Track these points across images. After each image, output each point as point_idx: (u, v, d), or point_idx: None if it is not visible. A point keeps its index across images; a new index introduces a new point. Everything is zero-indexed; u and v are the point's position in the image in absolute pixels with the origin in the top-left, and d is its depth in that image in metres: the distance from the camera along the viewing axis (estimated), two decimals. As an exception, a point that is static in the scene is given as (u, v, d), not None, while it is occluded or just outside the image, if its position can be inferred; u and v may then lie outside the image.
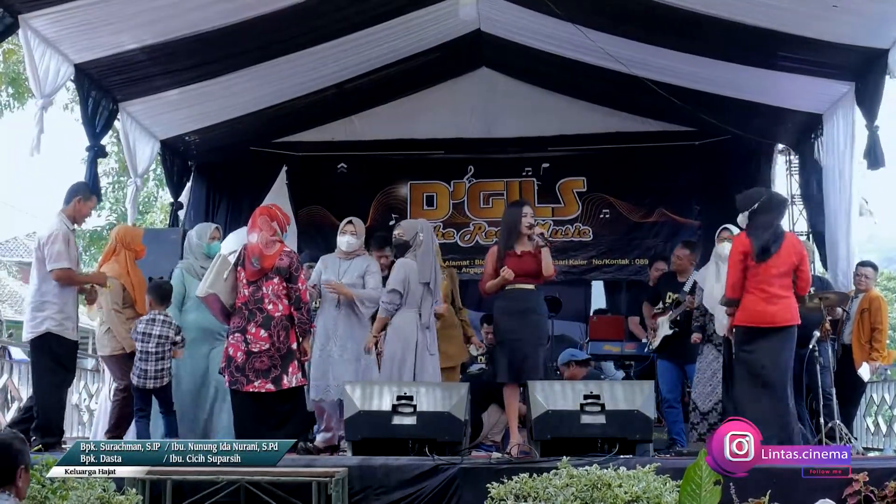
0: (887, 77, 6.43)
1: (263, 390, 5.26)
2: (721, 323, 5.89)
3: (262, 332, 5.33)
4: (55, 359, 5.59)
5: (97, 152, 7.24)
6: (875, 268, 7.14)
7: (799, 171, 9.13)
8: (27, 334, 5.60)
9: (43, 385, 5.58)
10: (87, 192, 5.88)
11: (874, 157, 6.76)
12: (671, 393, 6.68)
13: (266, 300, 5.39)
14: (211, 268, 5.56)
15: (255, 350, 5.32)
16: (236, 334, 5.39)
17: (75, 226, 5.83)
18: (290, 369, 5.39)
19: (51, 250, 5.49)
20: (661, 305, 6.90)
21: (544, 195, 9.42)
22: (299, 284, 5.48)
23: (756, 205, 5.46)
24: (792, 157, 9.28)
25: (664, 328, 6.67)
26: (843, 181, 7.41)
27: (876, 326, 6.76)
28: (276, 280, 5.42)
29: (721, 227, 6.33)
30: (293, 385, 5.40)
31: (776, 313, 5.31)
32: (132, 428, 5.88)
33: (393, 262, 6.03)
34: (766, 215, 5.43)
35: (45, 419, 5.49)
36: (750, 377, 5.36)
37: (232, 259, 5.64)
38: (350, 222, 6.14)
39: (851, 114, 7.09)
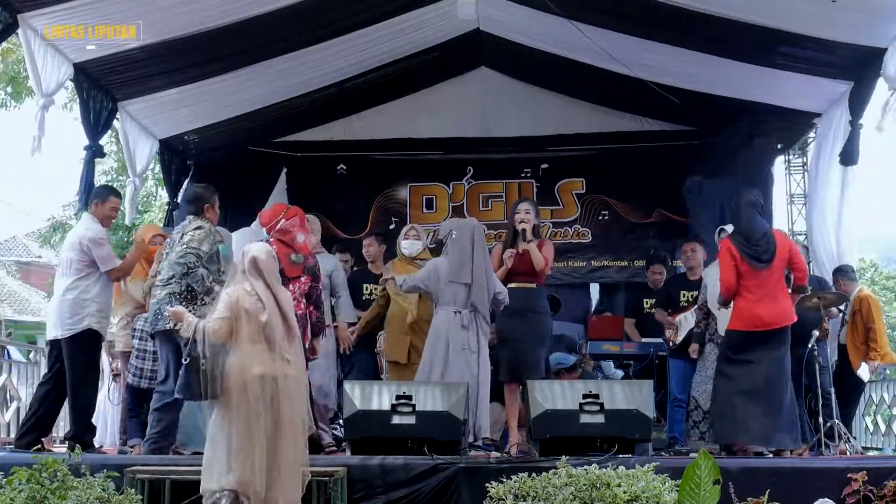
0: (881, 77, 6.43)
1: None
2: (723, 323, 5.93)
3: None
4: (92, 356, 5.63)
5: (95, 152, 7.22)
6: (845, 273, 7.08)
7: (797, 170, 9.16)
8: (64, 331, 5.50)
9: (82, 383, 5.54)
10: (103, 195, 5.90)
11: (849, 153, 6.80)
12: (683, 392, 6.69)
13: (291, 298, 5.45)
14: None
15: None
16: None
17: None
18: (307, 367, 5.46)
19: (100, 252, 5.58)
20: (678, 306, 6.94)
21: (543, 197, 9.39)
22: (320, 284, 5.58)
23: (733, 210, 5.68)
24: (791, 156, 9.29)
25: (689, 323, 6.66)
26: (835, 181, 7.43)
27: (869, 326, 6.76)
28: (303, 279, 5.49)
29: (718, 229, 6.38)
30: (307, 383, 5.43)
31: (770, 316, 5.37)
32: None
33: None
34: (742, 219, 5.57)
35: (85, 418, 5.52)
36: (744, 382, 5.42)
37: None
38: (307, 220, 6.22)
39: (847, 113, 7.09)
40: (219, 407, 4.08)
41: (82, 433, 5.44)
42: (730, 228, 6.04)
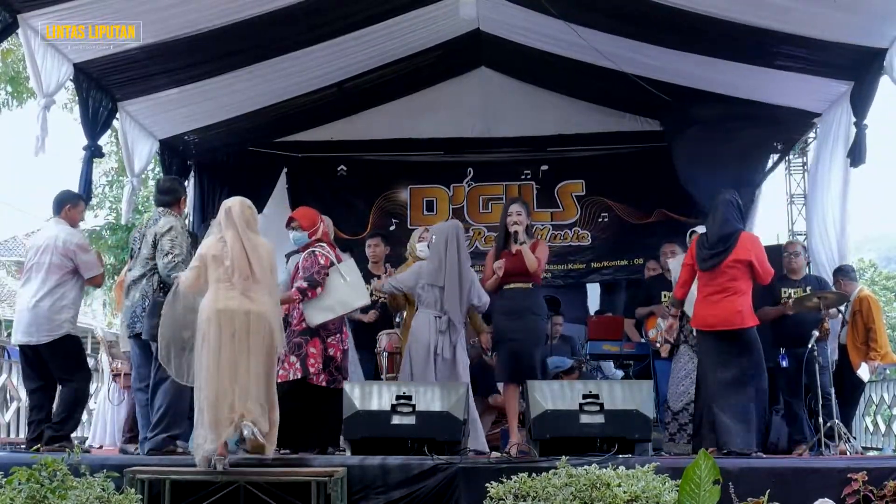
0: (884, 77, 6.42)
1: (342, 386, 5.34)
2: None
3: (348, 329, 5.62)
4: (77, 352, 5.70)
5: (94, 152, 7.22)
6: (846, 273, 7.08)
7: (797, 170, 9.16)
8: (41, 337, 5.52)
9: (68, 379, 5.59)
10: (75, 199, 5.95)
11: (857, 154, 6.79)
12: None
13: None
14: (352, 271, 5.61)
15: (346, 348, 5.59)
16: (337, 335, 5.52)
17: None
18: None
19: (86, 258, 5.64)
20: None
21: (543, 199, 9.40)
22: None
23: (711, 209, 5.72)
24: (791, 156, 9.28)
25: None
26: (835, 181, 7.42)
27: (869, 326, 6.76)
28: None
29: (690, 231, 6.41)
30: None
31: (711, 317, 5.43)
32: None
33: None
34: (709, 218, 5.63)
35: (67, 410, 5.56)
36: (704, 382, 5.57)
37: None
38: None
39: (849, 113, 7.09)
40: (197, 343, 4.54)
41: (61, 423, 5.48)
42: (700, 229, 6.09)
